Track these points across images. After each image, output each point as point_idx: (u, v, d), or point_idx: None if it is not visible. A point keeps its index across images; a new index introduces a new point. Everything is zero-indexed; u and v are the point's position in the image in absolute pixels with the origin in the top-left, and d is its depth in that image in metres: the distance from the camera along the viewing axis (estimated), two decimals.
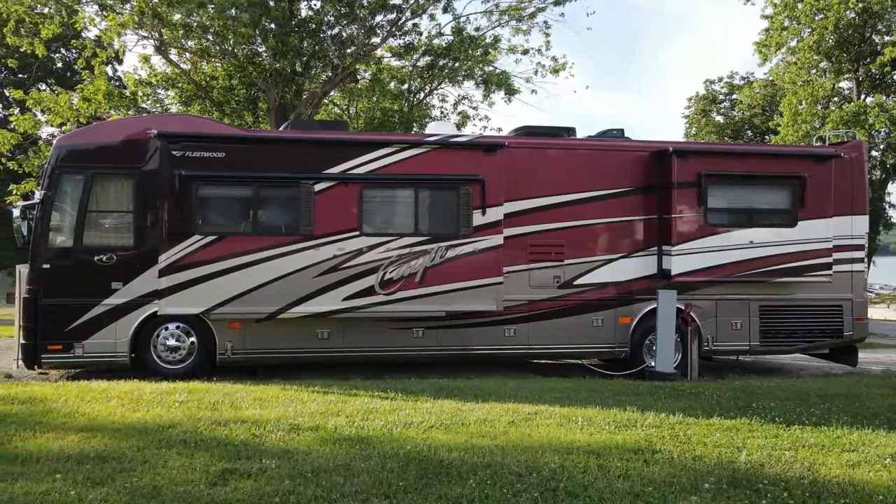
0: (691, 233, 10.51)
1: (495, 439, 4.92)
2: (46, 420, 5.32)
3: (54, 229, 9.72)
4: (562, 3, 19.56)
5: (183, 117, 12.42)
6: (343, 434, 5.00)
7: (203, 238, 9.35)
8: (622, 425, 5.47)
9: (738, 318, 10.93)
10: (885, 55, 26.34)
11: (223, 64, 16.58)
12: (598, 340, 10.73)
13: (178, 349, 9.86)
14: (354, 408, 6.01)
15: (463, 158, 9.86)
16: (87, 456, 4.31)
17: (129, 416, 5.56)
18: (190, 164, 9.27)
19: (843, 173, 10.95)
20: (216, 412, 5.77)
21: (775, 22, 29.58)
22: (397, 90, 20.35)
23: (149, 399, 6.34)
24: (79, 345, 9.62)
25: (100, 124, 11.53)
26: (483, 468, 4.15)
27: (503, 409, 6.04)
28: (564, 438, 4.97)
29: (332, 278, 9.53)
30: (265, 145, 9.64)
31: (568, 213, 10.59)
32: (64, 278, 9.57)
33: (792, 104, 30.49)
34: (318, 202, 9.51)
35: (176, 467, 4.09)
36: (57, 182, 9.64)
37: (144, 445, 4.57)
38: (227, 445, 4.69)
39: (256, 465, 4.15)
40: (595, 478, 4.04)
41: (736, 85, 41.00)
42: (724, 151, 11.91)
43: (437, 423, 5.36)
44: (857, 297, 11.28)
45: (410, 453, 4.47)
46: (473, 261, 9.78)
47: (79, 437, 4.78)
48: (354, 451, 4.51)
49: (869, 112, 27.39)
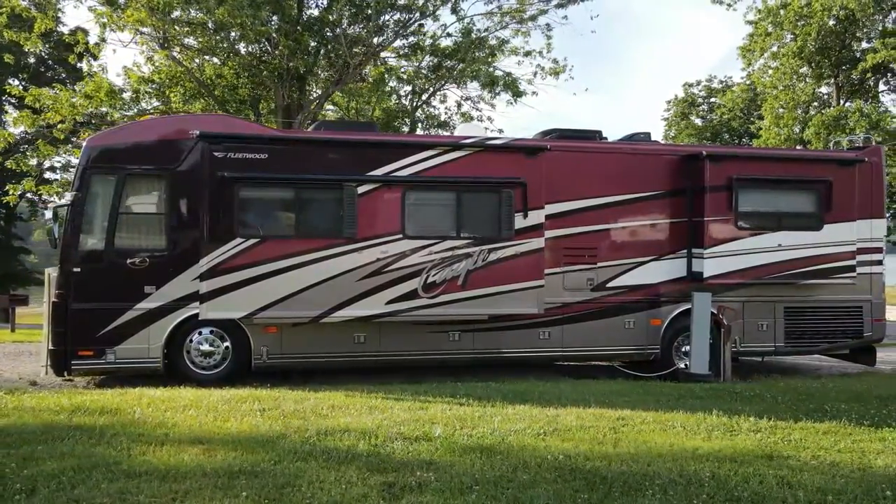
0: (723, 236, 10.66)
1: (617, 446, 4.92)
2: (144, 432, 5.13)
3: (85, 231, 9.43)
4: (565, 5, 19.70)
5: (220, 117, 12.15)
6: (462, 443, 4.93)
7: (245, 241, 9.16)
8: (726, 430, 5.52)
9: (765, 319, 11.14)
10: (866, 61, 27.12)
11: (229, 62, 16.26)
12: (630, 342, 10.82)
13: (212, 354, 9.65)
14: (442, 415, 5.94)
15: (505, 161, 9.84)
16: (232, 471, 4.15)
17: (224, 426, 5.39)
18: (232, 165, 9.07)
19: (864, 177, 11.24)
20: (307, 421, 5.64)
21: (759, 27, 30.25)
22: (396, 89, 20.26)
23: (224, 409, 6.17)
24: (110, 350, 9.36)
25: (133, 124, 11.21)
26: (642, 478, 4.13)
27: (593, 415, 6.04)
28: (686, 444, 4.98)
29: (376, 282, 9.43)
30: (308, 147, 9.48)
31: (602, 216, 10.66)
32: (95, 282, 9.30)
33: (773, 108, 31.23)
34: (362, 204, 9.39)
35: (332, 481, 3.97)
36: (88, 183, 9.36)
37: (278, 458, 4.43)
38: (356, 457, 4.58)
39: (411, 478, 4.05)
40: (768, 487, 4.06)
41: (714, 88, 41.86)
42: (755, 156, 12.10)
43: (543, 430, 5.33)
44: (876, 298, 11.57)
45: (556, 464, 4.40)
46: (515, 264, 9.77)
47: (198, 451, 4.61)
48: (496, 462, 4.43)
49: (849, 116, 28.22)
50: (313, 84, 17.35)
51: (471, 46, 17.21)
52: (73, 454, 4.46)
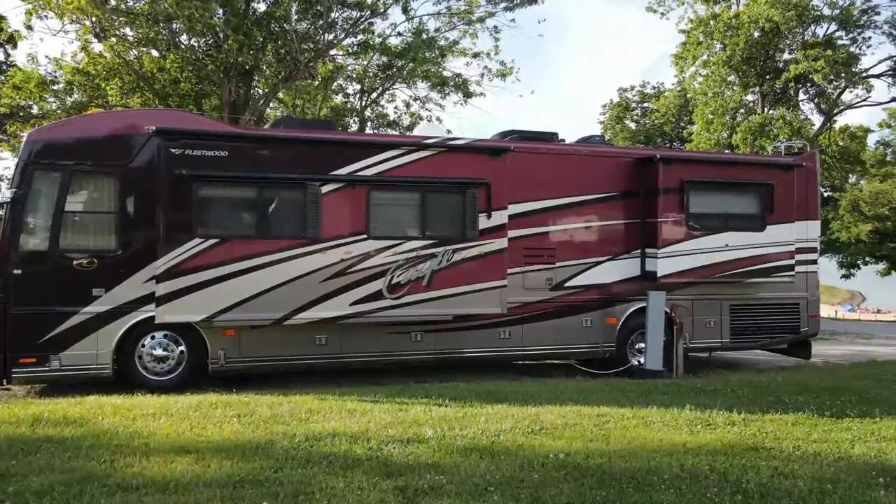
0: (675, 236, 11.05)
1: (609, 443, 5.01)
2: (120, 443, 4.85)
3: (27, 231, 8.88)
4: (512, 9, 19.96)
5: (175, 113, 11.64)
6: (458, 444, 4.90)
7: (204, 241, 8.83)
8: (704, 424, 5.72)
9: (712, 316, 11.61)
10: (790, 72, 28.65)
11: (172, 56, 15.65)
12: (587, 340, 11.06)
13: (165, 359, 9.28)
14: (425, 416, 5.90)
15: (469, 162, 9.87)
16: (233, 480, 3.97)
17: (204, 434, 5.17)
18: (190, 162, 8.73)
19: (801, 181, 11.88)
20: (289, 426, 5.48)
21: (691, 37, 31.51)
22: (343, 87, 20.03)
23: (196, 416, 5.92)
24: (55, 357, 8.86)
25: (80, 118, 10.58)
26: (647, 473, 4.22)
27: (573, 412, 6.14)
28: (675, 439, 5.13)
29: (340, 283, 9.28)
30: (271, 144, 9.23)
31: (560, 217, 10.87)
32: (38, 284, 8.78)
33: (703, 114, 32.60)
34: (325, 204, 9.23)
35: (342, 488, 3.86)
36: (30, 179, 8.82)
37: (278, 465, 4.28)
38: (357, 461, 4.48)
39: (422, 481, 3.99)
40: (766, 477, 4.20)
41: (647, 94, 43.33)
42: (705, 160, 12.60)
43: (531, 429, 5.38)
44: (812, 295, 12.26)
45: (559, 462, 4.43)
46: (479, 264, 9.82)
47: (188, 461, 4.39)
48: (499, 463, 4.43)
49: (773, 123, 29.76)
50: (259, 80, 16.91)
51: (421, 46, 17.19)
52: (52, 468, 4.18)
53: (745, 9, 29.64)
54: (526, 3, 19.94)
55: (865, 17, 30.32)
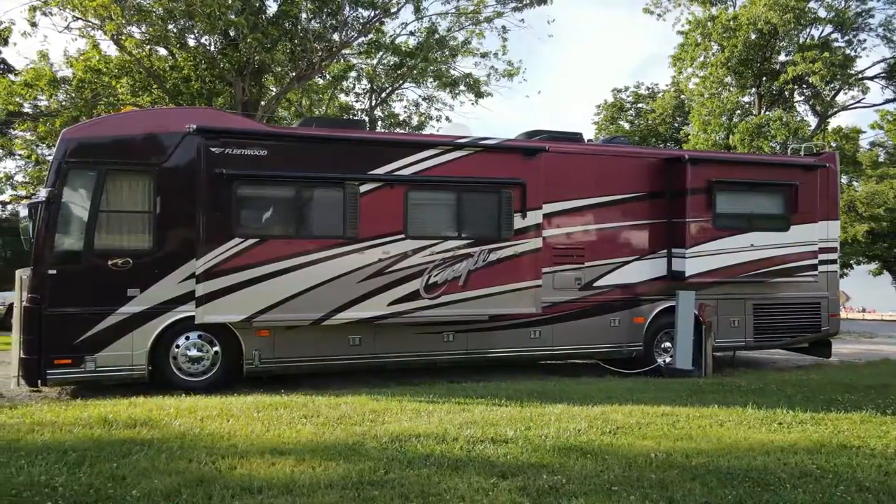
0: (702, 236, 11.12)
1: (696, 442, 5.01)
2: (209, 444, 4.78)
3: (61, 231, 8.75)
4: (521, 9, 19.98)
5: (212, 111, 11.48)
6: (548, 444, 4.87)
7: (244, 241, 8.76)
8: (777, 423, 5.74)
9: (736, 316, 11.71)
10: (787, 73, 28.95)
11: (184, 54, 15.49)
12: (615, 340, 11.10)
13: (200, 360, 9.18)
14: (496, 416, 5.87)
15: (505, 161, 9.87)
16: (354, 482, 3.90)
17: (287, 435, 5.08)
18: (230, 161, 8.65)
19: (823, 182, 12.01)
20: (363, 427, 5.43)
21: (689, 38, 31.75)
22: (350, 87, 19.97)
23: (263, 417, 5.86)
24: (90, 358, 8.74)
25: (114, 116, 10.43)
26: (759, 472, 4.23)
27: (639, 412, 6.15)
28: (761, 438, 5.12)
29: (378, 283, 9.24)
30: (310, 144, 9.16)
31: (590, 217, 10.91)
32: (73, 285, 8.67)
33: (700, 115, 32.87)
34: (364, 204, 9.18)
35: (465, 489, 3.80)
36: (65, 178, 8.69)
37: (386, 467, 4.22)
38: (463, 462, 4.45)
39: (540, 481, 3.96)
40: (884, 475, 4.22)
41: (641, 94, 43.56)
42: (731, 160, 12.71)
43: (609, 429, 5.37)
44: (832, 295, 12.41)
45: (667, 462, 4.41)
46: (515, 264, 9.82)
47: (290, 462, 4.32)
48: (606, 463, 4.41)
49: (771, 125, 30.08)
50: (269, 79, 16.79)
51: (433, 46, 17.16)
52: (158, 471, 4.09)
53: (743, 10, 29.91)
54: (535, 3, 19.95)
55: (860, 20, 30.72)
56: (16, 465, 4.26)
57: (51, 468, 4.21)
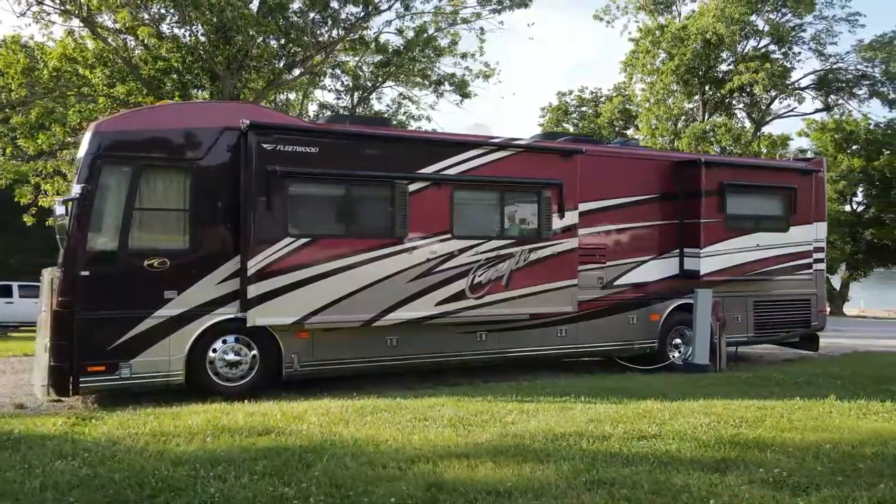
0: (715, 236, 11.62)
1: (833, 432, 5.21)
2: (357, 451, 4.55)
3: (95, 229, 8.22)
4: (499, 11, 20.18)
5: (255, 107, 10.95)
6: (708, 439, 4.90)
7: (295, 241, 8.49)
8: (874, 413, 6.04)
9: (739, 312, 12.30)
10: (733, 82, 30.52)
11: (167, 45, 14.76)
12: (633, 337, 11.43)
13: (238, 364, 8.84)
14: (603, 414, 5.93)
15: (544, 162, 9.99)
16: (584, 482, 3.85)
17: (432, 438, 4.95)
18: (283, 159, 8.36)
19: (814, 186, 12.80)
20: (499, 428, 5.34)
21: (640, 46, 32.95)
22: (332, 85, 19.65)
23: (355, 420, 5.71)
24: (125, 364, 8.27)
25: (148, 109, 9.82)
26: None
27: (742, 406, 6.31)
28: (871, 427, 5.35)
29: (426, 283, 9.17)
30: (360, 142, 8.96)
31: (611, 218, 11.18)
32: (107, 287, 8.16)
33: (648, 120, 34.19)
34: (413, 203, 9.08)
35: (692, 486, 3.80)
36: (98, 174, 8.16)
37: (587, 466, 4.17)
38: (645, 458, 4.49)
39: (759, 475, 4.02)
40: None
41: (585, 98, 44.77)
42: (740, 164, 13.29)
43: (742, 423, 5.47)
44: (820, 292, 13.25)
45: (849, 454, 4.57)
46: (553, 263, 9.97)
47: (490, 466, 4.18)
48: (777, 456, 4.52)
49: (716, 130, 31.65)
50: (251, 75, 16.25)
51: (423, 44, 17.10)
52: (370, 478, 3.92)
53: (692, 21, 31.29)
54: (515, 7, 20.17)
55: (794, 34, 32.75)
56: (223, 477, 3.99)
57: (254, 480, 4.01)
